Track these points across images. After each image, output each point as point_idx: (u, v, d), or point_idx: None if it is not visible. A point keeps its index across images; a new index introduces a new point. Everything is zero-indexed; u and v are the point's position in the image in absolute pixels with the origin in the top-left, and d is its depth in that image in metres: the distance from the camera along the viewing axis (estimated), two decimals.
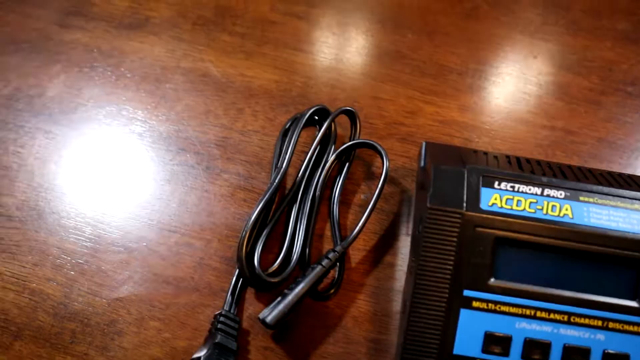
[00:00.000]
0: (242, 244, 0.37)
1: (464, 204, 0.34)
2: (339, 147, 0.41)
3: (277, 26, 0.49)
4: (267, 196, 0.38)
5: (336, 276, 0.39)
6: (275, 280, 0.37)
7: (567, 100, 0.48)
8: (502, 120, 0.46)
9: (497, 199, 0.34)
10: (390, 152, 0.44)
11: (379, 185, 0.39)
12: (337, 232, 0.39)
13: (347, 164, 0.42)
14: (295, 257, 0.38)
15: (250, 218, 0.38)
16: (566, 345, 0.33)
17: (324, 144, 0.43)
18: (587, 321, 0.33)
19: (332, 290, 0.38)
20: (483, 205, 0.34)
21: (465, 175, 0.35)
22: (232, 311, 0.37)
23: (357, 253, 0.40)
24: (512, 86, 0.48)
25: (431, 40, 0.50)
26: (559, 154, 0.45)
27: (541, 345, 0.33)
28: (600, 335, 0.33)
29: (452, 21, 0.51)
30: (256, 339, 0.37)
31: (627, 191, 0.35)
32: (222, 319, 0.36)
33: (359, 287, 0.39)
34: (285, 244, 0.39)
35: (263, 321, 0.35)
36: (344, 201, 0.42)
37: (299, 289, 0.36)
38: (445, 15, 0.51)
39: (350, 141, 0.42)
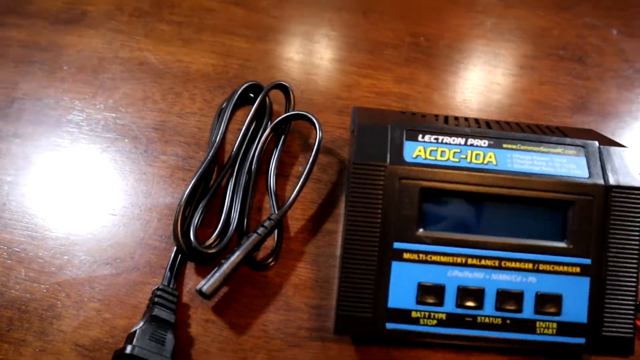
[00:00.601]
0: (177, 218, 0.37)
1: (388, 158, 0.34)
2: (274, 121, 0.42)
3: (214, 13, 0.50)
4: (200, 171, 0.39)
5: (275, 245, 0.39)
6: (213, 251, 0.37)
7: (503, 66, 0.49)
8: (438, 88, 0.47)
9: (421, 151, 0.35)
10: (328, 124, 0.44)
11: (312, 154, 0.39)
12: (274, 202, 0.39)
13: (282, 137, 0.42)
14: (232, 228, 0.38)
15: (184, 193, 0.38)
16: (499, 290, 0.34)
17: (260, 119, 0.43)
18: (518, 265, 0.34)
19: (270, 259, 0.38)
20: (407, 158, 0.34)
21: (389, 131, 0.35)
22: (170, 286, 0.37)
23: (296, 222, 0.40)
24: (448, 57, 0.49)
25: (367, 18, 0.51)
26: (495, 116, 0.45)
27: (474, 292, 0.33)
28: (532, 278, 0.34)
29: None
30: (197, 312, 0.37)
31: (549, 137, 0.36)
32: (159, 292, 0.36)
33: (299, 255, 0.39)
34: (222, 216, 0.39)
35: (200, 292, 0.35)
36: (282, 174, 0.42)
37: (234, 257, 0.36)
38: None
39: (284, 114, 0.42)
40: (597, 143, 0.36)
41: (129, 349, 0.32)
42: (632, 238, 0.34)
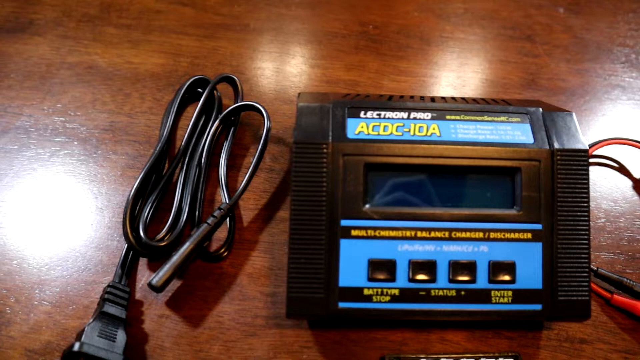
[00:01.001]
0: (126, 214, 0.36)
1: (330, 136, 0.34)
2: (223, 113, 0.41)
3: (162, 14, 0.50)
4: (147, 166, 0.38)
5: (227, 236, 0.38)
6: (163, 244, 0.36)
7: (452, 49, 0.49)
8: (388, 73, 0.47)
9: (363, 127, 0.35)
10: (278, 114, 0.44)
11: (261, 143, 0.39)
12: (225, 193, 0.39)
13: (232, 129, 0.42)
14: (182, 220, 0.38)
15: (131, 189, 0.37)
16: (451, 261, 0.33)
17: (209, 113, 0.43)
18: (468, 235, 0.33)
19: (223, 250, 0.38)
20: (349, 135, 0.34)
21: (330, 110, 0.35)
22: (122, 282, 0.36)
23: (249, 212, 0.40)
24: (395, 42, 0.49)
25: (315, 10, 0.51)
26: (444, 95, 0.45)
27: (426, 265, 0.33)
28: (484, 247, 0.33)
29: None
30: (150, 308, 0.36)
31: (492, 106, 0.36)
32: (109, 289, 0.35)
33: (253, 244, 0.39)
34: (172, 210, 0.38)
35: (150, 285, 0.34)
36: (234, 165, 0.42)
37: (184, 248, 0.35)
38: None
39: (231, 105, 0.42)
40: (540, 109, 0.36)
41: (76, 346, 0.32)
42: (581, 200, 0.34)
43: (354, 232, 0.33)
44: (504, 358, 0.34)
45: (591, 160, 0.44)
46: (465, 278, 0.33)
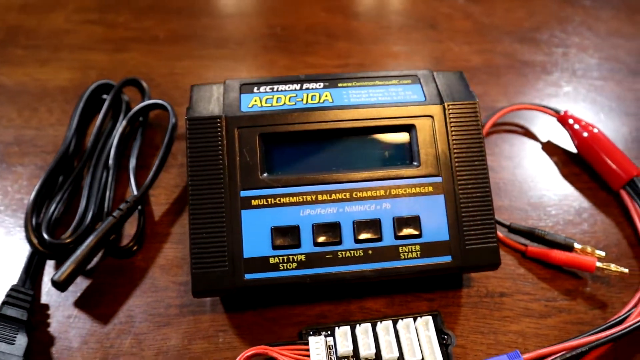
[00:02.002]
0: (27, 217, 0.36)
1: (223, 110, 0.34)
2: (129, 113, 0.41)
3: (72, 33, 0.50)
4: (49, 168, 0.38)
5: (137, 230, 0.37)
6: (68, 241, 0.35)
7: (359, 41, 0.51)
8: (297, 68, 0.48)
9: (256, 100, 0.35)
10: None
11: (167, 137, 0.39)
12: (133, 187, 0.38)
13: (141, 129, 0.42)
14: (88, 218, 0.37)
15: (33, 191, 0.36)
16: (355, 221, 0.33)
17: (117, 115, 0.42)
18: (370, 194, 0.33)
19: (132, 244, 0.37)
20: (243, 109, 0.34)
21: (223, 88, 0.35)
22: (25, 286, 0.35)
23: (160, 207, 0.39)
24: (303, 40, 0.51)
25: (222, 18, 0.52)
26: None
27: (330, 227, 0.33)
28: (387, 204, 0.33)
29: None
30: (58, 310, 0.35)
31: (383, 72, 0.37)
32: (10, 292, 0.34)
33: (165, 237, 0.38)
34: (79, 209, 0.37)
35: (53, 282, 0.33)
36: (145, 165, 0.41)
37: (87, 241, 0.35)
38: None
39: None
40: (430, 71, 0.37)
41: None
42: (477, 150, 0.34)
43: (254, 202, 0.33)
44: (421, 317, 0.33)
45: (499, 127, 0.46)
46: (371, 236, 0.33)
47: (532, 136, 0.45)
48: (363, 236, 0.33)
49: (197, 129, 0.33)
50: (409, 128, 0.35)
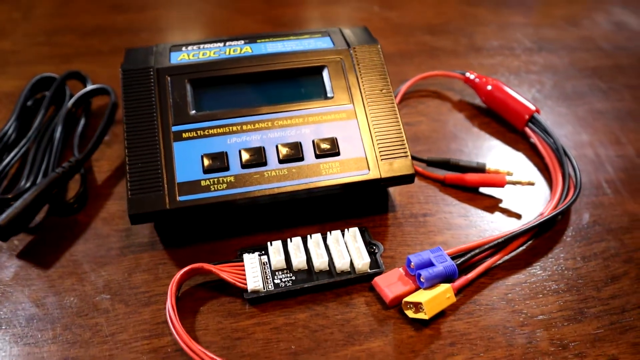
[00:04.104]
0: None
1: (154, 63, 0.38)
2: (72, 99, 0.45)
3: (19, 54, 0.55)
4: None
5: (79, 189, 0.39)
6: (10, 196, 0.37)
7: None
8: None
9: (185, 55, 0.39)
10: None
11: (108, 112, 0.43)
12: (75, 150, 0.41)
13: (84, 114, 0.45)
14: (31, 180, 0.39)
15: None
16: (278, 145, 0.36)
17: (60, 105, 0.46)
18: (290, 122, 0.37)
19: (73, 201, 0.39)
20: (172, 61, 0.38)
21: (154, 49, 0.40)
22: None
23: (102, 175, 0.42)
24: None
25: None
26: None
27: (256, 152, 0.36)
28: (306, 130, 0.37)
29: None
30: (0, 259, 0.36)
31: (296, 30, 0.42)
32: None
33: (107, 196, 0.40)
34: (23, 175, 0.39)
35: None
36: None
37: (31, 191, 0.36)
38: None
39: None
40: (338, 28, 0.42)
41: None
42: (381, 81, 0.39)
43: (185, 135, 0.36)
44: (349, 230, 0.36)
45: (413, 94, 0.50)
46: (294, 157, 0.36)
47: (443, 98, 0.50)
48: (286, 157, 0.36)
49: (131, 78, 0.37)
50: (321, 68, 0.39)
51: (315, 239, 0.35)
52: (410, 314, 0.32)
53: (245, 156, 0.36)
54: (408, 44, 0.57)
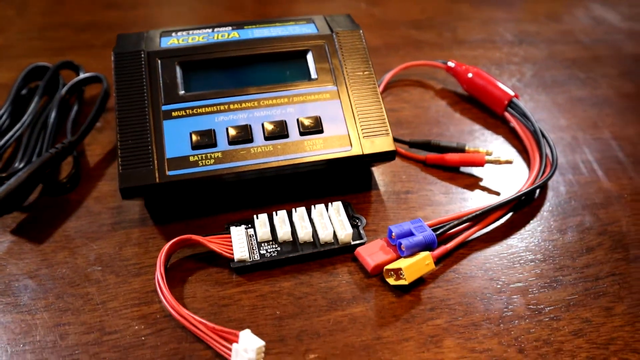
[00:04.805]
0: None
1: (145, 47, 0.39)
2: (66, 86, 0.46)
3: (12, 48, 0.56)
4: None
5: (71, 169, 0.41)
6: (4, 175, 0.38)
7: None
8: None
9: (174, 40, 0.41)
10: None
11: (100, 97, 0.44)
12: (69, 132, 0.42)
13: (77, 101, 0.46)
14: (25, 161, 0.40)
15: None
16: (264, 123, 0.38)
17: (53, 94, 0.47)
18: (276, 102, 0.38)
19: (66, 180, 0.40)
20: (162, 45, 0.40)
21: (145, 35, 0.41)
22: None
23: (94, 158, 0.43)
24: None
25: None
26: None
27: (242, 129, 0.37)
28: (291, 109, 0.38)
29: None
30: None
31: (282, 18, 0.43)
32: None
33: (99, 176, 0.41)
34: (17, 157, 0.40)
35: None
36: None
37: (25, 169, 0.38)
38: None
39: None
40: (322, 15, 0.44)
41: None
42: (363, 64, 0.40)
43: (174, 114, 0.37)
44: (332, 204, 0.37)
45: (396, 83, 0.52)
46: (279, 134, 0.37)
47: (426, 86, 0.52)
48: (271, 134, 0.37)
49: (123, 60, 0.38)
50: (305, 52, 0.41)
51: (300, 213, 0.37)
52: (391, 281, 0.34)
53: (232, 133, 0.37)
54: (393, 37, 0.59)
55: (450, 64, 0.51)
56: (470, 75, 0.49)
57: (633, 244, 0.38)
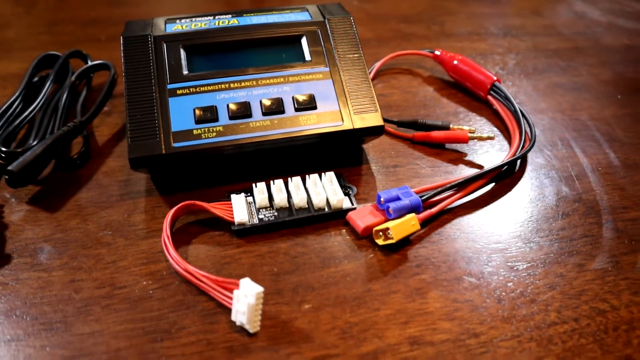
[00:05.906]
0: None
1: (152, 32, 0.42)
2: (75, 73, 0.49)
3: (21, 41, 0.59)
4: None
5: (81, 147, 0.43)
6: (19, 150, 0.41)
7: None
8: None
9: (179, 26, 0.44)
10: None
11: (108, 82, 0.47)
12: (79, 113, 0.45)
13: (85, 87, 0.49)
14: (38, 138, 0.43)
15: None
16: (262, 100, 0.41)
17: (64, 80, 0.50)
18: (273, 81, 0.42)
19: (77, 156, 0.43)
20: (168, 30, 0.43)
21: (151, 22, 0.44)
22: None
23: (103, 138, 0.46)
24: None
25: None
26: None
27: (242, 106, 0.40)
28: (287, 88, 0.41)
29: None
30: (11, 206, 0.39)
31: (278, 7, 0.47)
32: None
33: (107, 154, 0.44)
34: (30, 137, 0.43)
35: (9, 172, 0.38)
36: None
37: (40, 144, 0.40)
38: None
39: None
40: (316, 4, 0.47)
41: None
42: (353, 48, 0.44)
43: (179, 92, 0.40)
44: (325, 173, 0.40)
45: (386, 72, 0.55)
46: (276, 110, 0.40)
47: (414, 74, 0.55)
48: (269, 110, 0.40)
49: (131, 44, 0.41)
50: (300, 37, 0.44)
51: (295, 182, 0.39)
52: (380, 241, 0.36)
53: (233, 108, 0.40)
54: (384, 30, 0.63)
55: (437, 52, 0.54)
56: (455, 62, 0.52)
57: (605, 210, 0.41)
